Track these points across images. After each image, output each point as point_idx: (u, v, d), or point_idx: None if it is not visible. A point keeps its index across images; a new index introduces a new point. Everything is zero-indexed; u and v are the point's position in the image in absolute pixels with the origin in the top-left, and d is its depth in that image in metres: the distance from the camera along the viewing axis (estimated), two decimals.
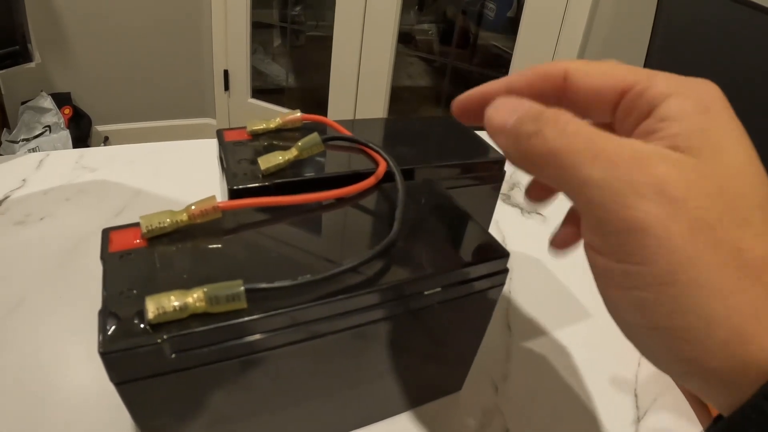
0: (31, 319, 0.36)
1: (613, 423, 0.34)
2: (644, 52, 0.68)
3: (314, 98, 2.28)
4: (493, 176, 0.36)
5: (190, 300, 0.20)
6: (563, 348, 0.39)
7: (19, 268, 0.41)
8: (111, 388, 0.21)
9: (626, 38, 1.47)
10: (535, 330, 0.41)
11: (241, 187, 0.29)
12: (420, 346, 0.28)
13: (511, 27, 1.80)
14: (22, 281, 0.39)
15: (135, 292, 0.21)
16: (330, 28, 1.92)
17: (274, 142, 0.34)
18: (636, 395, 0.37)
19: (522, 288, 0.45)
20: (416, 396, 0.32)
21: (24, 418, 0.30)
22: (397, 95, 2.01)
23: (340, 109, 2.03)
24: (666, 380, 0.38)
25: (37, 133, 1.85)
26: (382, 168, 0.30)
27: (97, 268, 0.23)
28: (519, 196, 0.60)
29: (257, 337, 0.21)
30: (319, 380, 0.26)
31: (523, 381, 0.36)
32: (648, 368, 0.39)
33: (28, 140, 1.83)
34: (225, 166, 0.31)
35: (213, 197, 0.25)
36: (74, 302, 0.38)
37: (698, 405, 0.36)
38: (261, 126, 0.35)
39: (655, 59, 0.59)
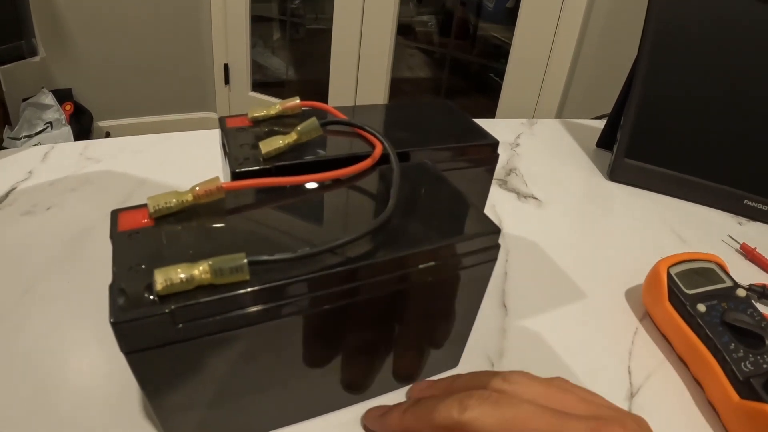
0: (39, 305, 0.38)
1: (607, 398, 0.35)
2: None
3: (315, 91, 2.29)
4: (487, 159, 0.37)
5: (196, 272, 0.21)
6: (558, 326, 0.41)
7: (26, 257, 0.42)
8: (118, 370, 0.22)
9: (625, 28, 1.48)
10: (530, 309, 0.42)
11: (243, 170, 0.30)
12: (416, 321, 0.29)
13: (510, 17, 1.79)
14: (30, 269, 0.41)
15: (143, 266, 0.23)
16: (329, 20, 1.92)
17: (275, 128, 0.35)
18: (630, 372, 0.38)
19: (518, 269, 0.46)
20: (414, 372, 0.33)
21: (34, 401, 0.31)
22: (398, 87, 2.01)
23: (340, 101, 2.04)
24: (659, 358, 0.39)
25: (39, 129, 1.86)
26: (378, 150, 0.31)
27: (102, 256, 0.24)
28: (515, 181, 0.61)
29: (260, 307, 0.23)
30: (320, 353, 0.27)
31: (518, 357, 0.37)
32: (641, 346, 0.40)
33: (30, 137, 1.84)
34: (227, 150, 0.32)
35: (216, 178, 0.26)
36: (81, 288, 0.39)
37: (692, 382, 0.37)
38: (262, 113, 0.36)
39: (647, 52, 0.59)
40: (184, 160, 0.57)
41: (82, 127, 1.95)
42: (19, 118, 1.88)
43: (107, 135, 2.11)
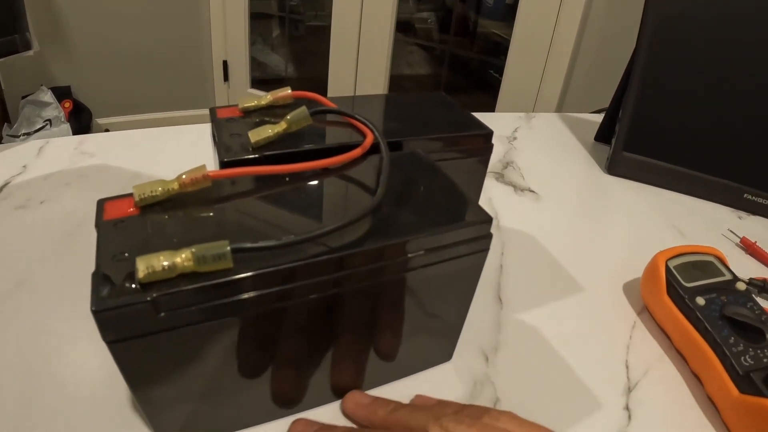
0: (32, 299, 0.37)
1: (604, 393, 0.35)
2: None
3: (314, 88, 2.27)
4: (481, 149, 0.37)
5: (178, 260, 0.21)
6: (554, 320, 0.40)
7: (20, 250, 0.42)
8: (109, 364, 0.22)
9: (623, 24, 1.47)
10: (526, 303, 0.41)
11: (232, 159, 0.30)
12: (407, 312, 0.29)
13: (509, 14, 1.79)
14: (23, 263, 0.40)
15: (127, 255, 0.22)
16: (329, 17, 1.92)
17: (265, 118, 0.34)
18: (627, 366, 0.37)
19: (514, 263, 0.45)
20: (406, 365, 0.33)
21: (23, 393, 0.31)
22: (397, 83, 2.01)
23: None
24: (657, 352, 0.38)
25: (38, 127, 1.86)
26: (368, 139, 0.31)
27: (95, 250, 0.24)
28: (512, 174, 0.60)
29: (244, 296, 0.22)
30: (304, 345, 0.27)
31: (514, 352, 0.37)
32: (639, 340, 0.39)
33: (29, 134, 1.84)
34: (217, 140, 0.32)
35: (203, 166, 0.26)
36: (74, 282, 0.39)
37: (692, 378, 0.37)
38: (252, 103, 0.35)
39: (645, 45, 0.59)
40: (179, 154, 0.57)
41: (81, 124, 1.95)
42: (18, 116, 1.88)
43: (106, 132, 2.10)
